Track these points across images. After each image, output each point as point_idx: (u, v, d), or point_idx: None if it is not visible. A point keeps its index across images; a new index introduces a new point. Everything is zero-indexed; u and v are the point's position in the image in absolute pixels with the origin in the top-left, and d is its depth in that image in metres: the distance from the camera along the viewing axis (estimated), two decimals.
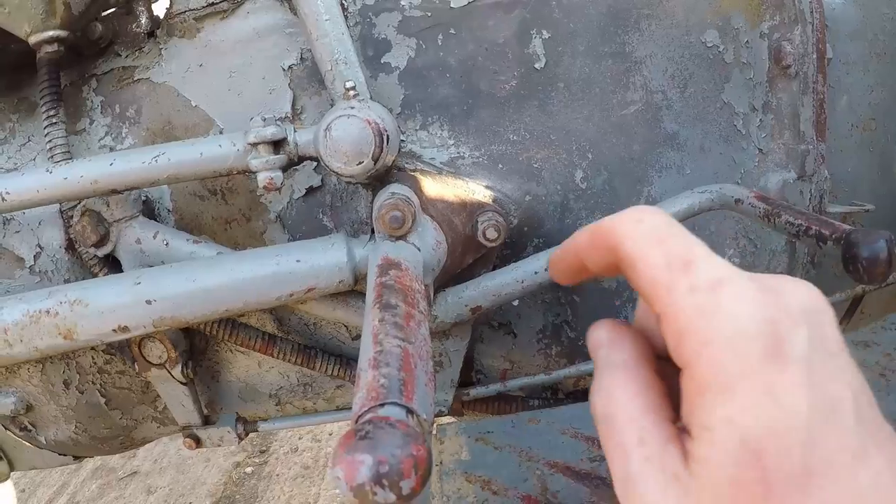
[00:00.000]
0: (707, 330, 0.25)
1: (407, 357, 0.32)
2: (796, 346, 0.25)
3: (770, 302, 0.25)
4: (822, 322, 0.26)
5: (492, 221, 0.58)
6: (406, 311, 0.37)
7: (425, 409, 0.29)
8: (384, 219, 0.50)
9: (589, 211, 0.65)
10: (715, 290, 0.26)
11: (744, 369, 0.24)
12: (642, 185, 0.66)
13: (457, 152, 0.63)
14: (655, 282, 0.27)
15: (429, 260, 0.51)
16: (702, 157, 0.66)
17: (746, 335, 0.25)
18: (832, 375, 0.25)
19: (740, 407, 0.24)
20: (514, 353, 0.71)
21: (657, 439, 0.27)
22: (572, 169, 0.64)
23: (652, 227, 0.29)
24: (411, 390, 0.30)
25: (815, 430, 0.24)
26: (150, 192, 0.69)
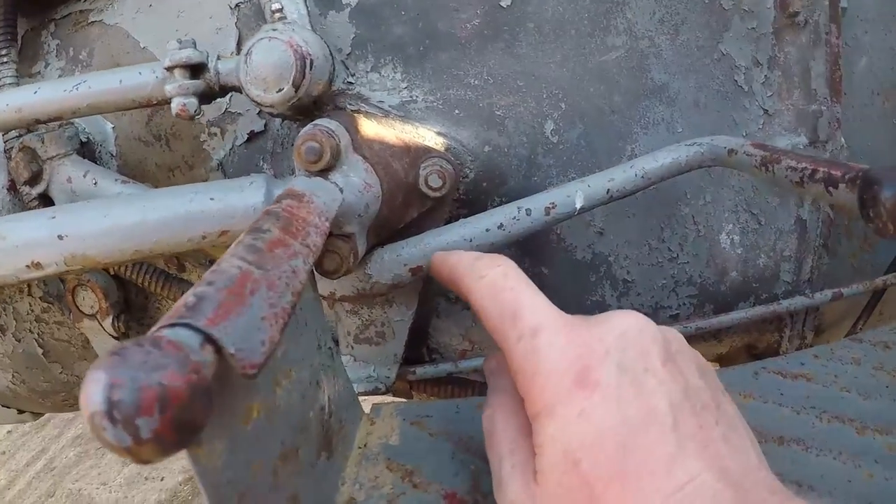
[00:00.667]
0: (531, 369, 0.31)
1: (242, 281, 0.26)
2: (603, 373, 0.30)
3: (581, 340, 0.31)
4: (640, 342, 0.31)
5: (436, 167, 0.51)
6: (276, 238, 0.30)
7: (244, 344, 0.24)
8: (300, 150, 0.44)
9: (561, 168, 0.58)
10: (535, 337, 0.32)
11: (559, 397, 0.30)
12: (625, 141, 0.58)
13: (409, 96, 0.56)
14: (494, 331, 0.34)
15: (353, 203, 0.45)
16: (696, 114, 0.59)
17: (558, 370, 0.31)
18: (649, 390, 0.30)
19: (560, 427, 0.30)
20: (474, 332, 0.63)
21: (523, 451, 0.33)
22: (541, 119, 0.57)
23: (490, 282, 0.35)
24: (223, 315, 0.23)
25: (628, 438, 0.28)
26: (91, 135, 0.65)
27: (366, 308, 0.57)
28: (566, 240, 0.60)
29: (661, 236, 0.61)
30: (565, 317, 0.33)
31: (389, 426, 0.47)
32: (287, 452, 0.32)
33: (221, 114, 0.61)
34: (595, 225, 0.60)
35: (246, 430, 0.28)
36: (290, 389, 0.34)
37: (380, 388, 0.58)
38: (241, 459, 0.27)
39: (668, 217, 0.60)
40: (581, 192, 0.51)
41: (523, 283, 0.34)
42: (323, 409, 0.40)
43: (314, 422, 0.38)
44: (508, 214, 0.51)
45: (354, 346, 0.58)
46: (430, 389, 0.64)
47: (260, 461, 0.29)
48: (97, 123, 0.66)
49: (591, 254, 0.61)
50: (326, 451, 0.39)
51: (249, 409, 0.29)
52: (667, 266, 0.62)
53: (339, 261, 0.44)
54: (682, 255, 0.61)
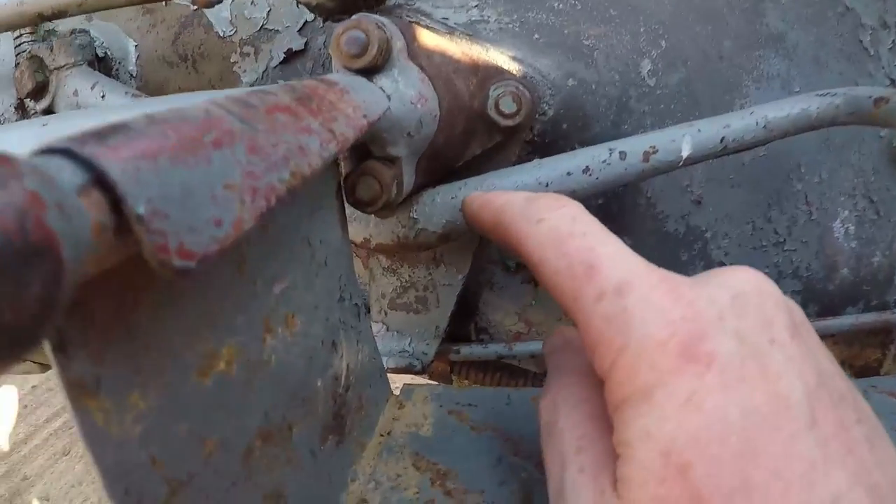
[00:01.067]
0: (618, 338, 0.23)
1: (205, 124, 0.16)
2: (719, 343, 0.22)
3: (685, 299, 0.23)
4: (762, 307, 0.24)
5: (509, 89, 0.40)
6: (283, 103, 0.20)
7: (176, 212, 0.14)
8: (339, 41, 0.34)
9: (657, 118, 0.47)
10: (622, 295, 0.24)
11: (659, 376, 0.22)
12: (733, 94, 0.48)
13: (480, 15, 0.46)
14: (561, 291, 0.26)
15: (402, 116, 0.34)
16: (815, 73, 0.49)
17: (658, 339, 0.22)
18: (777, 369, 0.22)
19: (658, 417, 0.22)
20: (534, 312, 0.53)
21: (595, 449, 0.25)
22: (637, 56, 0.46)
23: (552, 226, 0.27)
24: (141, 152, 0.13)
25: (753, 436, 0.21)
26: (110, 50, 0.56)
27: (406, 266, 0.47)
28: (657, 205, 0.49)
29: (768, 215, 0.51)
30: (659, 270, 0.25)
31: (422, 413, 0.37)
32: (272, 430, 0.22)
33: (257, 31, 0.52)
34: (692, 191, 0.49)
35: (201, 385, 0.18)
36: (288, 342, 0.24)
37: (414, 366, 0.47)
38: (180, 430, 0.17)
39: (777, 192, 0.50)
40: (689, 136, 0.40)
41: (597, 227, 0.26)
42: (337, 379, 0.30)
43: (322, 394, 0.28)
44: (597, 156, 0.40)
45: (388, 312, 0.48)
46: (474, 375, 0.53)
47: (218, 438, 0.19)
48: (119, 39, 0.57)
49: (684, 226, 0.50)
50: (336, 435, 0.29)
51: (211, 353, 0.19)
52: (771, 252, 0.52)
53: (377, 189, 0.34)
54: (789, 240, 0.52)
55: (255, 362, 0.21)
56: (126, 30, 0.56)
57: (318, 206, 0.29)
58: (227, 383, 0.20)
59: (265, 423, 0.22)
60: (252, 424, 0.21)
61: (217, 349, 0.19)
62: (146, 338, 0.16)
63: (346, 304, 0.33)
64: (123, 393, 0.16)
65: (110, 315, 0.15)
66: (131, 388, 0.16)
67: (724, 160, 0.49)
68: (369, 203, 0.34)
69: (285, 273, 0.25)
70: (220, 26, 0.52)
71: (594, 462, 0.25)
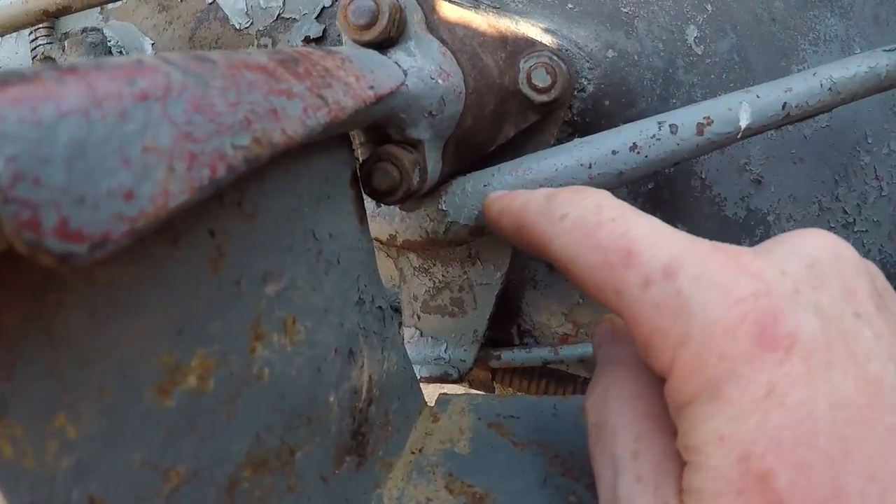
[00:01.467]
0: (675, 329, 0.20)
1: (126, 69, 0.13)
2: (799, 322, 0.19)
3: (751, 271, 0.20)
4: (842, 274, 0.20)
5: (542, 60, 0.36)
6: (254, 62, 0.17)
7: (60, 178, 0.11)
8: (345, 10, 0.30)
9: (707, 89, 0.42)
10: (672, 277, 0.20)
11: (731, 368, 0.19)
12: (789, 60, 0.44)
13: None
14: (600, 287, 0.22)
15: (421, 92, 0.31)
16: (876, 32, 0.45)
17: (724, 323, 0.19)
18: (866, 349, 0.19)
19: (733, 417, 0.19)
20: (582, 311, 0.48)
21: (655, 453, 0.21)
22: (682, 23, 0.42)
23: (576, 219, 0.24)
24: (18, 95, 0.10)
25: (844, 433, 0.18)
26: (126, 49, 0.54)
27: (439, 265, 0.43)
28: (713, 188, 0.44)
29: (836, 192, 0.46)
30: (710, 242, 0.21)
31: (458, 426, 0.33)
32: (266, 455, 0.19)
33: (274, 20, 0.49)
34: (752, 170, 0.44)
35: (160, 405, 0.15)
36: (288, 352, 0.21)
37: (451, 375, 0.43)
38: (132, 461, 0.14)
39: (844, 167, 0.46)
40: (747, 104, 0.35)
41: (628, 210, 0.23)
42: (356, 392, 0.27)
43: (337, 410, 0.24)
44: (645, 131, 0.36)
45: (422, 315, 0.44)
46: (518, 382, 0.49)
47: (187, 468, 0.15)
48: (135, 38, 0.55)
49: (745, 210, 0.45)
50: (355, 456, 0.26)
51: (174, 367, 0.15)
52: (840, 234, 0.46)
53: (396, 177, 0.30)
54: (859, 220, 0.47)
55: (240, 376, 0.18)
56: (142, 28, 0.54)
57: (325, 195, 0.26)
58: (199, 402, 0.16)
59: (256, 447, 0.18)
60: (237, 451, 0.17)
61: (183, 362, 0.16)
62: (78, 348, 0.13)
63: (366, 308, 0.29)
64: (43, 416, 0.12)
65: (20, 320, 0.12)
66: (54, 409, 0.12)
67: (784, 134, 0.44)
68: (388, 193, 0.30)
69: (281, 271, 0.21)
70: (236, 19, 0.50)
71: (654, 469, 0.21)
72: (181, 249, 0.16)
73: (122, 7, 0.54)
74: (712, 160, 0.44)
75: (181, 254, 0.16)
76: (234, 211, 0.18)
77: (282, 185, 0.22)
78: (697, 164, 0.44)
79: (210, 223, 0.17)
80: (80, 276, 0.13)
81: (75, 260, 0.10)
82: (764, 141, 0.44)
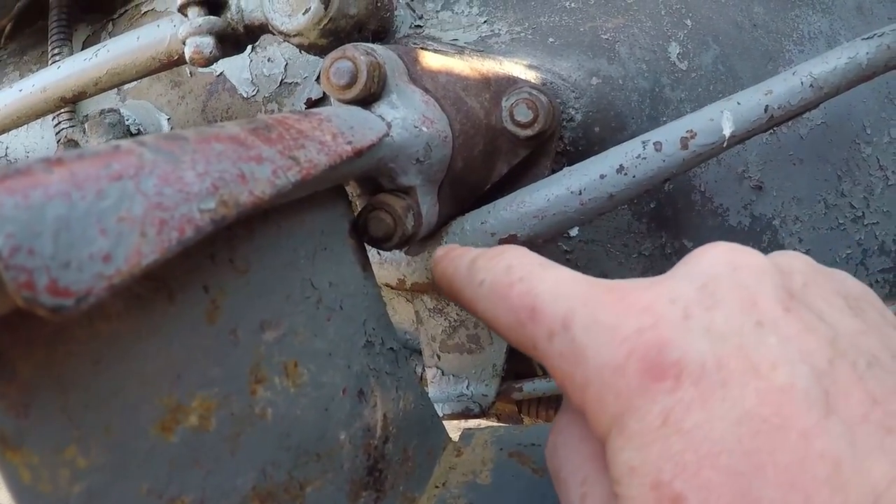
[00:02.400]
0: (577, 375, 0.21)
1: (104, 157, 0.15)
2: (686, 349, 0.19)
3: (640, 306, 0.21)
4: (739, 286, 0.21)
5: (522, 96, 0.38)
6: (224, 134, 0.19)
7: (44, 245, 0.14)
8: (327, 73, 0.33)
9: (696, 103, 0.43)
10: (568, 328, 0.22)
11: (626, 404, 0.20)
12: (776, 62, 0.45)
13: (490, 30, 0.44)
14: (520, 343, 0.24)
15: (406, 142, 0.33)
16: (862, 23, 0.46)
17: (612, 365, 0.20)
18: (771, 357, 0.19)
19: (637, 448, 0.19)
20: None
21: (600, 494, 0.22)
22: (663, 41, 0.43)
23: (491, 284, 0.26)
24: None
25: (751, 447, 0.18)
26: (143, 126, 0.58)
27: (452, 304, 0.44)
28: (714, 199, 0.45)
29: (840, 188, 0.46)
30: (606, 283, 0.23)
31: (481, 458, 0.34)
32: (274, 489, 0.20)
33: (277, 87, 0.52)
34: (751, 177, 0.45)
35: (163, 440, 0.16)
36: (291, 394, 0.22)
37: (472, 410, 0.44)
38: (139, 489, 0.15)
39: (845, 161, 0.46)
40: (728, 112, 0.36)
41: (535, 266, 0.25)
42: (370, 430, 0.28)
43: (349, 448, 0.26)
44: (631, 152, 0.37)
45: (441, 355, 0.45)
46: (545, 413, 0.49)
47: (194, 498, 0.17)
48: (151, 115, 0.59)
49: (749, 217, 0.45)
50: (373, 491, 0.27)
51: (176, 407, 0.17)
52: (850, 229, 0.47)
53: (390, 223, 0.32)
54: (868, 212, 0.47)
55: (242, 416, 0.19)
56: (157, 105, 0.57)
57: (322, 247, 0.27)
58: (202, 438, 0.18)
59: (263, 481, 0.20)
60: (243, 484, 0.19)
61: (184, 402, 0.17)
62: (85, 391, 0.15)
63: (376, 350, 0.31)
64: (56, 448, 0.14)
65: (35, 367, 0.14)
66: (66, 442, 0.15)
67: (779, 136, 0.44)
68: (384, 239, 0.32)
69: (279, 319, 0.23)
70: (243, 88, 0.53)
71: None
72: (176, 304, 0.18)
73: (137, 86, 0.57)
74: (710, 172, 0.45)
75: (177, 308, 0.18)
76: (226, 267, 0.20)
77: (275, 241, 0.24)
78: (696, 178, 0.45)
79: (203, 280, 0.19)
80: (86, 330, 0.15)
81: (65, 311, 0.12)
82: (760, 146, 0.45)
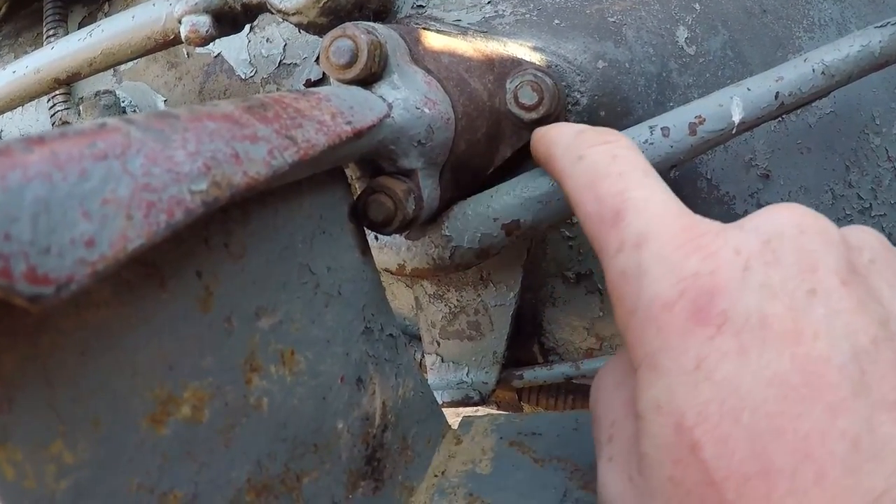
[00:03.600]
0: (629, 298, 0.21)
1: (88, 135, 0.14)
2: (736, 300, 0.19)
3: (706, 251, 0.21)
4: (802, 249, 0.20)
5: (527, 78, 0.37)
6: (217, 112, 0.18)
7: (26, 231, 0.12)
8: (327, 52, 0.32)
9: (704, 89, 0.43)
10: (639, 248, 0.22)
11: (665, 340, 0.20)
12: (785, 49, 0.44)
13: (494, 11, 0.43)
14: (591, 236, 0.24)
15: (408, 123, 0.32)
16: (873, 11, 0.45)
17: (664, 300, 0.20)
18: (815, 327, 0.19)
19: (666, 388, 0.19)
20: (604, 324, 0.48)
21: (626, 436, 0.22)
22: (670, 25, 0.42)
23: (590, 164, 0.25)
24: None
25: (774, 410, 0.18)
26: (139, 108, 0.57)
27: (453, 290, 0.44)
28: (721, 187, 0.44)
29: (848, 179, 0.46)
30: (688, 218, 0.22)
31: (481, 447, 0.34)
32: (270, 481, 0.19)
33: (276, 68, 0.51)
34: (758, 165, 0.44)
35: (154, 433, 0.16)
36: (287, 383, 0.22)
37: (472, 398, 0.44)
38: (129, 485, 0.15)
39: (854, 152, 0.45)
40: (738, 98, 0.35)
41: (639, 167, 0.24)
42: (368, 419, 0.27)
43: (347, 437, 0.25)
44: (638, 137, 0.36)
45: (441, 341, 0.45)
46: (545, 401, 0.49)
47: (186, 492, 0.16)
48: (148, 97, 0.58)
49: (755, 206, 0.45)
50: (372, 481, 0.26)
51: (168, 398, 0.16)
52: (857, 220, 0.47)
53: (390, 207, 0.31)
54: (875, 204, 0.46)
55: (236, 407, 0.19)
56: (154, 86, 0.56)
57: (320, 231, 0.27)
58: (195, 431, 0.17)
59: (258, 473, 0.19)
60: (237, 476, 0.18)
61: (176, 394, 0.17)
62: (71, 384, 0.14)
63: (375, 336, 0.30)
64: (41, 443, 0.14)
65: (18, 359, 0.13)
66: (52, 437, 0.14)
67: (787, 124, 0.44)
68: (384, 223, 0.31)
69: (276, 306, 0.22)
70: (240, 69, 0.52)
71: (624, 448, 0.22)
72: (168, 291, 0.17)
73: (133, 68, 0.56)
74: (716, 159, 0.44)
75: (168, 295, 0.17)
76: (220, 252, 0.19)
77: (271, 225, 0.23)
78: (702, 165, 0.44)
79: (197, 265, 0.18)
80: (72, 320, 0.15)
81: (44, 300, 0.11)
82: (768, 134, 0.44)
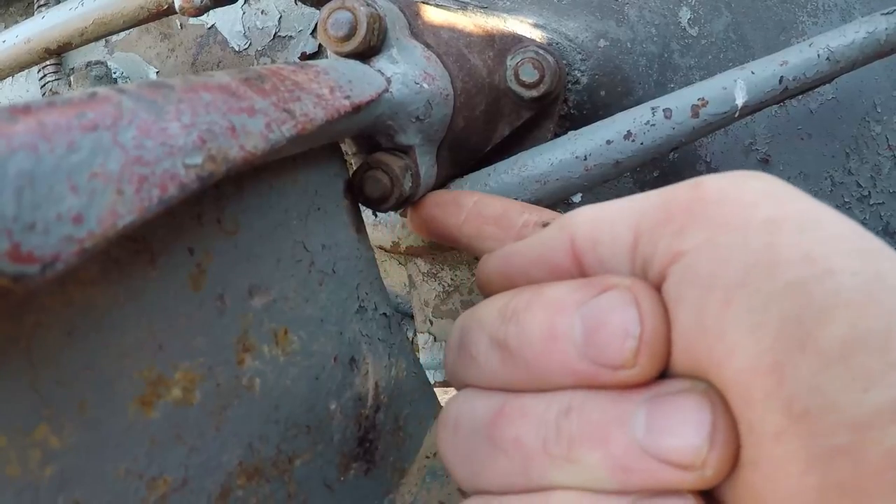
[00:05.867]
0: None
1: (77, 104, 0.13)
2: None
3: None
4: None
5: (528, 55, 0.36)
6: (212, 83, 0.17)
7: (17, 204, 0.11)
8: (325, 24, 0.31)
9: (706, 71, 0.42)
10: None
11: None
12: (788, 34, 0.43)
13: None
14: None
15: (407, 98, 0.31)
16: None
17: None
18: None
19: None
20: None
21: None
22: (674, 5, 0.42)
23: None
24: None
25: None
26: (131, 79, 0.56)
27: (447, 269, 0.43)
28: (720, 171, 0.43)
29: (847, 166, 0.45)
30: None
31: None
32: (261, 464, 0.19)
33: (271, 40, 0.50)
34: (758, 150, 0.44)
35: (143, 416, 0.15)
36: (280, 363, 0.21)
37: None
38: (117, 471, 0.14)
39: (854, 139, 0.45)
40: (742, 81, 0.35)
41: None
42: (361, 399, 0.27)
43: (339, 418, 0.25)
44: (639, 118, 0.36)
45: (434, 320, 0.44)
46: None
47: (176, 477, 0.16)
48: (140, 68, 0.57)
49: None
50: (363, 462, 0.26)
51: (157, 380, 0.16)
52: (856, 208, 0.46)
53: (387, 183, 0.30)
54: (874, 192, 0.46)
55: (228, 388, 0.18)
56: (146, 58, 0.55)
57: (315, 207, 0.26)
58: (185, 413, 0.17)
59: (249, 457, 0.19)
60: (229, 460, 0.18)
61: (166, 375, 0.16)
62: (57, 365, 0.14)
63: (369, 315, 0.29)
64: (24, 428, 0.13)
65: (0, 340, 0.13)
66: (36, 421, 0.13)
67: (788, 110, 0.43)
68: (381, 200, 0.30)
69: (269, 284, 0.21)
70: (234, 41, 0.51)
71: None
72: (158, 269, 0.16)
73: (125, 38, 0.55)
74: (716, 142, 0.44)
75: (158, 273, 0.16)
76: (213, 228, 0.19)
77: (266, 201, 0.22)
78: (701, 148, 0.44)
79: (189, 241, 0.18)
80: (58, 298, 0.14)
81: (28, 280, 0.10)
82: (768, 119, 0.44)
